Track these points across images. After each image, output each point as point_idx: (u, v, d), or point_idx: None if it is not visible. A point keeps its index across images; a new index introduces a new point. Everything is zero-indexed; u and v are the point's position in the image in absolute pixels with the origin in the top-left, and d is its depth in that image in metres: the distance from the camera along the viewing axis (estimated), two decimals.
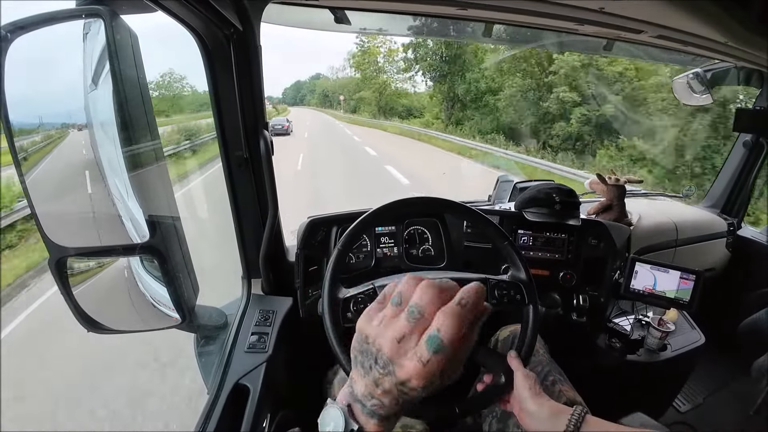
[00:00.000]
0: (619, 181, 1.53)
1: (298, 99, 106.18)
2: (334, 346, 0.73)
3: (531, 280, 0.86)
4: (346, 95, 42.86)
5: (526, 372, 0.75)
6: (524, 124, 15.92)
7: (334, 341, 0.74)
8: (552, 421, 0.65)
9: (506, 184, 1.69)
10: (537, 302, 0.84)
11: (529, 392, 0.70)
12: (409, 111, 28.03)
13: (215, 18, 0.80)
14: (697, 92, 1.70)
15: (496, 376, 0.77)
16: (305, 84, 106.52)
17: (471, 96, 19.83)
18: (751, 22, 0.96)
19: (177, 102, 15.90)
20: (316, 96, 68.74)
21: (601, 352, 1.38)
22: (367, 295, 0.79)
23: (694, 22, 1.00)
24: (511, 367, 0.76)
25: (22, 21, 0.59)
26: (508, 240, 0.87)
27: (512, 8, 1.03)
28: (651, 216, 1.68)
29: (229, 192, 1.09)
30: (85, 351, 2.59)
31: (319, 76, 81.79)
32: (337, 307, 0.76)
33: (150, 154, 0.73)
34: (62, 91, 0.71)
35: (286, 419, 1.04)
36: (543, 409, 0.67)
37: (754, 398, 1.42)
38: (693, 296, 1.21)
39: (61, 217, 0.70)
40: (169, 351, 2.57)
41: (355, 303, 0.77)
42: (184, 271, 0.79)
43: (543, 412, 0.67)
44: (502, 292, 0.84)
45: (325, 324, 0.75)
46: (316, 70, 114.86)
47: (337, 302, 0.77)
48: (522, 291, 0.84)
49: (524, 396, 0.70)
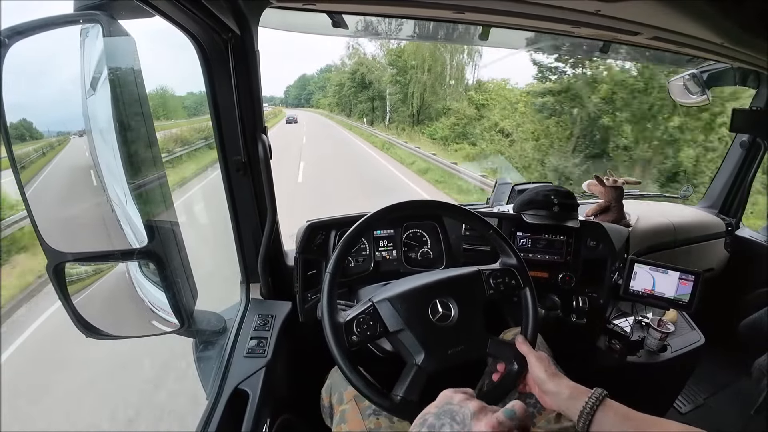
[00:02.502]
0: (617, 182, 1.53)
1: (303, 99, 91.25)
2: (345, 370, 0.73)
3: (522, 263, 0.87)
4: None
5: (538, 354, 0.76)
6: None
7: (343, 365, 0.73)
8: (571, 400, 0.67)
9: (504, 186, 1.69)
10: (531, 284, 0.86)
11: (545, 374, 0.72)
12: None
13: (213, 23, 0.80)
14: (694, 93, 1.70)
15: (509, 364, 0.79)
16: (312, 79, 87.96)
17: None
18: (747, 23, 0.96)
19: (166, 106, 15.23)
20: (330, 94, 43.63)
21: (601, 353, 1.38)
22: (367, 314, 0.78)
23: (690, 23, 1.00)
24: (522, 352, 0.78)
25: (19, 26, 0.59)
26: (492, 228, 0.89)
27: (509, 11, 1.04)
28: (649, 217, 1.68)
29: (227, 196, 1.09)
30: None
31: (331, 67, 58.45)
32: (340, 333, 0.75)
33: (148, 158, 0.73)
34: (60, 97, 0.71)
35: (285, 424, 1.04)
36: (562, 389, 0.69)
37: (754, 398, 1.42)
38: (692, 297, 1.21)
39: (59, 223, 0.69)
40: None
41: (358, 324, 0.76)
42: (183, 276, 0.79)
43: (563, 392, 0.69)
44: (497, 280, 0.85)
45: (332, 353, 0.74)
46: (326, 62, 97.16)
47: (340, 327, 0.75)
48: (516, 276, 0.86)
49: (542, 378, 0.72)
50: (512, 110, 17.49)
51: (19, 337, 2.92)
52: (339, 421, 0.88)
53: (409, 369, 0.76)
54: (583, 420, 0.64)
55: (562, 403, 0.69)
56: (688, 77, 1.68)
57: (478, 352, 0.80)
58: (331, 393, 0.96)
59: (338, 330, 0.75)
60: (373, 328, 0.77)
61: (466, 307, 0.81)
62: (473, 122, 19.40)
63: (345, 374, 0.73)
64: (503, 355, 0.80)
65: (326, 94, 52.60)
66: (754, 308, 1.64)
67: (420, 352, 0.76)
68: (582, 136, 11.48)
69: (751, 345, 1.54)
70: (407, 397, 0.73)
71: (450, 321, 0.79)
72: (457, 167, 11.02)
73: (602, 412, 0.64)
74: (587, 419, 0.64)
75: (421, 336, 0.77)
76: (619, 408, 0.65)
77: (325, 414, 0.98)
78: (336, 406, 0.91)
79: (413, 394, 0.73)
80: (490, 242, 0.91)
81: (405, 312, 0.78)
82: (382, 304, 0.79)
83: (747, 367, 1.44)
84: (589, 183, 1.62)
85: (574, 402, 0.67)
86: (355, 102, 33.17)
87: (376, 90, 30.08)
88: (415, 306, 0.79)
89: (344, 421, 0.86)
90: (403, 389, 0.73)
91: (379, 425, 0.84)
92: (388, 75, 27.26)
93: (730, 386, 1.75)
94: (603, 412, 0.64)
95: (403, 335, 0.77)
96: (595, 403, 0.64)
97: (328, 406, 0.96)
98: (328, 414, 0.96)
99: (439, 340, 0.78)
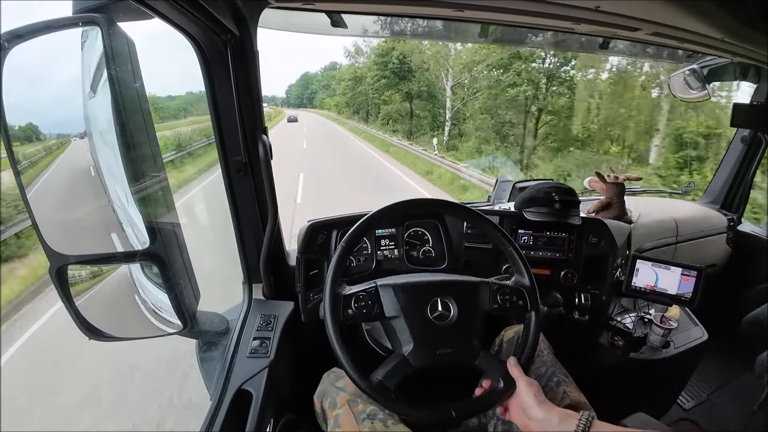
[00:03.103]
0: (618, 179, 1.53)
1: (305, 98, 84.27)
2: (333, 341, 0.74)
3: (534, 286, 0.86)
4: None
5: (528, 380, 0.76)
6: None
7: (333, 336, 0.74)
8: (561, 426, 0.67)
9: (505, 184, 1.69)
10: (539, 308, 0.85)
11: (534, 400, 0.72)
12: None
13: (212, 24, 0.80)
14: (694, 88, 1.70)
15: (495, 382, 0.78)
16: (315, 77, 78.85)
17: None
18: (748, 17, 0.96)
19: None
20: (339, 91, 31.86)
21: (604, 350, 1.37)
22: (368, 293, 0.79)
23: (690, 18, 1.00)
24: (512, 375, 0.77)
25: (19, 30, 0.59)
26: (512, 245, 0.88)
27: (508, 9, 1.03)
28: (651, 213, 1.68)
29: (228, 197, 1.09)
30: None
31: (336, 65, 55.27)
32: (338, 302, 0.77)
33: (149, 159, 0.73)
34: (61, 100, 0.71)
35: (289, 424, 1.04)
36: (551, 416, 0.69)
37: (757, 394, 1.42)
38: (695, 292, 1.21)
39: (61, 225, 0.69)
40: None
41: (357, 300, 0.78)
42: (185, 277, 0.79)
43: (552, 419, 0.69)
44: (505, 297, 0.84)
45: (325, 319, 0.75)
46: (330, 59, 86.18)
47: (339, 297, 0.77)
48: (525, 297, 0.85)
49: (530, 404, 0.72)
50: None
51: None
52: (333, 426, 0.87)
53: (394, 357, 0.77)
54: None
55: (552, 430, 0.69)
56: (689, 72, 1.67)
57: (467, 359, 0.80)
58: (323, 398, 0.96)
59: (337, 300, 0.77)
60: (370, 307, 0.78)
61: (466, 312, 0.81)
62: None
63: (333, 346, 0.74)
64: (492, 371, 0.79)
65: (333, 92, 40.43)
66: (756, 304, 1.63)
67: (409, 343, 0.77)
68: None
69: (753, 341, 1.54)
70: (384, 383, 0.74)
71: (447, 321, 0.80)
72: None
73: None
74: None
75: (414, 328, 0.78)
76: (606, 427, 0.66)
77: (319, 419, 0.98)
78: (329, 411, 0.91)
79: (391, 381, 0.75)
80: (492, 241, 0.91)
81: (404, 301, 0.79)
82: (384, 289, 0.80)
83: (750, 362, 1.44)
84: (590, 180, 1.62)
85: (565, 427, 0.67)
86: (379, 101, 21.73)
87: (423, 83, 18.60)
88: (415, 298, 0.80)
89: (338, 426, 0.86)
90: (383, 374, 0.75)
91: (374, 429, 0.84)
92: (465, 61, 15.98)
93: (733, 382, 1.75)
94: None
95: (396, 322, 0.78)
96: (586, 424, 0.65)
97: (321, 411, 0.96)
98: (322, 419, 0.96)
99: (431, 337, 0.78)
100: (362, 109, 25.96)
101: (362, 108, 26.05)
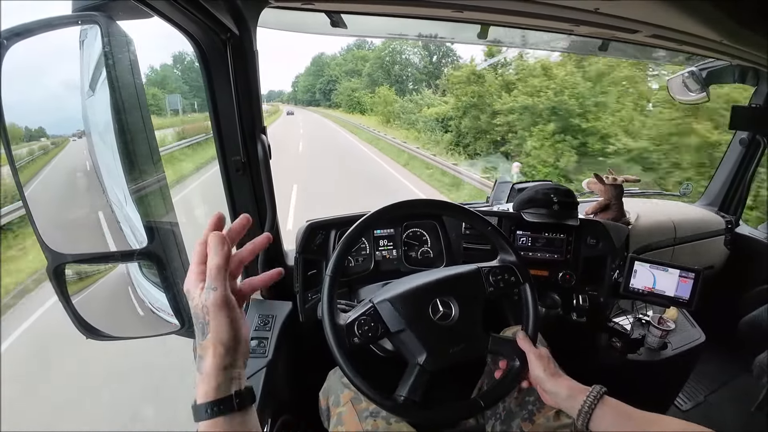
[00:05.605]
0: (616, 180, 1.53)
1: (318, 92, 57.39)
2: (347, 372, 0.73)
3: (521, 259, 0.87)
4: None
5: (537, 352, 0.77)
6: None
7: (345, 367, 0.73)
8: (570, 399, 0.68)
9: (504, 185, 1.69)
10: (531, 279, 0.86)
11: (544, 373, 0.73)
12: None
13: (211, 23, 0.80)
14: (693, 91, 1.70)
15: (511, 361, 0.80)
16: (334, 61, 53.40)
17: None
18: (747, 20, 0.96)
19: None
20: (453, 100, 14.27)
21: (602, 351, 1.37)
22: (368, 315, 0.77)
23: (689, 21, 1.00)
24: (523, 348, 0.78)
25: (18, 28, 0.59)
26: (491, 226, 0.89)
27: (508, 10, 1.04)
28: (649, 215, 1.68)
29: (227, 196, 1.09)
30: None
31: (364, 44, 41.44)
32: (341, 335, 0.74)
33: (147, 158, 0.73)
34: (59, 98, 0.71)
35: (286, 424, 1.04)
36: (561, 389, 0.70)
37: (755, 395, 1.43)
38: (693, 294, 1.21)
39: (59, 224, 0.69)
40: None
41: (359, 326, 0.76)
42: (183, 277, 0.79)
43: (561, 392, 0.70)
44: (497, 277, 0.85)
45: (334, 356, 0.74)
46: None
47: (341, 330, 0.75)
48: (515, 272, 0.86)
49: (541, 377, 0.73)
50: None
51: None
52: (336, 424, 0.87)
53: (411, 369, 0.76)
54: (582, 417, 0.65)
55: (561, 402, 0.70)
56: (687, 75, 1.68)
57: (479, 350, 0.80)
58: (328, 395, 0.96)
59: (339, 332, 0.74)
60: (374, 329, 0.76)
61: (466, 305, 0.81)
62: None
63: (348, 376, 0.73)
64: (505, 351, 0.80)
65: (377, 78, 23.91)
66: (754, 305, 1.64)
67: (422, 352, 0.75)
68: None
69: (751, 342, 1.54)
70: (410, 398, 0.73)
71: (451, 320, 0.79)
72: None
73: (601, 409, 0.65)
74: (586, 416, 0.65)
75: (423, 335, 0.77)
76: (617, 405, 0.66)
77: (323, 416, 0.98)
78: (333, 409, 0.91)
79: (416, 394, 0.73)
80: (489, 240, 0.91)
81: (406, 312, 0.78)
82: (382, 305, 0.79)
83: (747, 364, 1.44)
84: (589, 181, 1.62)
85: (573, 400, 0.67)
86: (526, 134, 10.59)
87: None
88: (415, 306, 0.79)
89: (341, 424, 0.86)
90: (406, 389, 0.74)
91: (377, 426, 0.84)
92: None
93: (731, 383, 1.75)
94: (602, 409, 0.65)
95: (404, 335, 0.77)
96: (593, 400, 0.65)
97: (326, 408, 0.96)
98: (326, 416, 0.96)
99: (441, 339, 0.78)
100: (468, 134, 13.86)
101: (468, 134, 13.88)
